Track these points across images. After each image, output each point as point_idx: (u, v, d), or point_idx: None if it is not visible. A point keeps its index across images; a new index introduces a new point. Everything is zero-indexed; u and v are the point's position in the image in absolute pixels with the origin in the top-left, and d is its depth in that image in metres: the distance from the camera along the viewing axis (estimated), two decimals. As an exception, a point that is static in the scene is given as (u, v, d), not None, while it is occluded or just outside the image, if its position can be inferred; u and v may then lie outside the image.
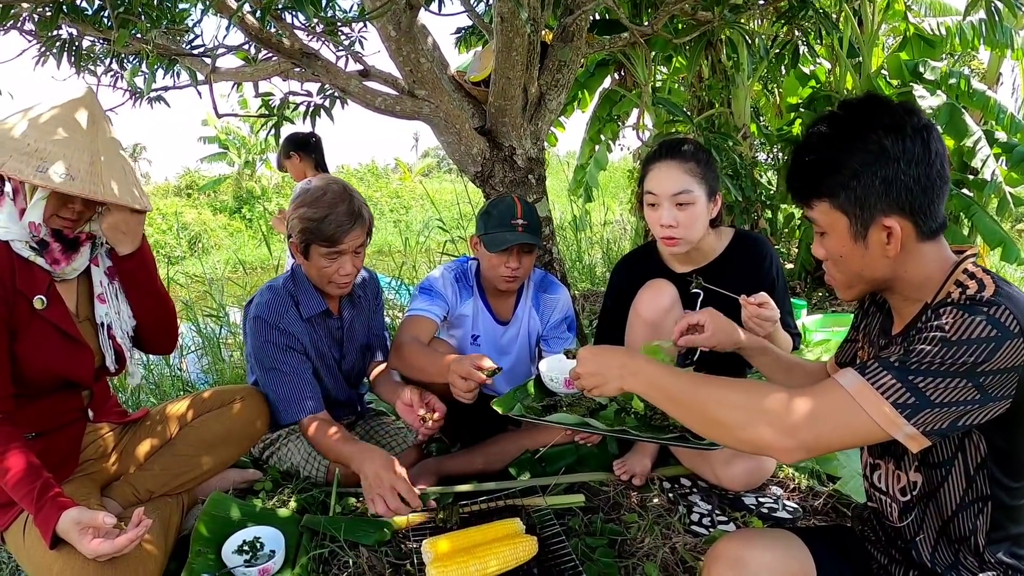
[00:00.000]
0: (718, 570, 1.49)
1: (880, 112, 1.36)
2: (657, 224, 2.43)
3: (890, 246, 1.36)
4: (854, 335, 1.77)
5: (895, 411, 1.23)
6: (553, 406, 2.11)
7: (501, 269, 2.66)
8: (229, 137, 21.26)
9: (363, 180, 24.68)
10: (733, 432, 1.36)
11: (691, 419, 1.45)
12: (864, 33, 6.26)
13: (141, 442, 2.32)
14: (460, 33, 5.61)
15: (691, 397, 1.43)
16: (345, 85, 3.47)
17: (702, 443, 1.77)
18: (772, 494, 2.54)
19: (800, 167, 1.44)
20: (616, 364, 1.60)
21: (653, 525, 2.29)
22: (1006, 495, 1.37)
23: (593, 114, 7.44)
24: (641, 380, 1.54)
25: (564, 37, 3.48)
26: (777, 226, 7.05)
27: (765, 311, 2.12)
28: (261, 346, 2.52)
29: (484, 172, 3.53)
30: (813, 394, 1.32)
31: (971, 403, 1.23)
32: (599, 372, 1.63)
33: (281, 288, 2.58)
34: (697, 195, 2.38)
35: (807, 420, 1.29)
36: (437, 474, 2.62)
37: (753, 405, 1.34)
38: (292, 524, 2.24)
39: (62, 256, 2.02)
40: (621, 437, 2.06)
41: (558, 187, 10.34)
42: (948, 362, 1.22)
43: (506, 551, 1.98)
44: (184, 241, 17.93)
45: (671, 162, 2.40)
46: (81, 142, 1.90)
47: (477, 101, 3.60)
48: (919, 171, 1.32)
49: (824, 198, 1.39)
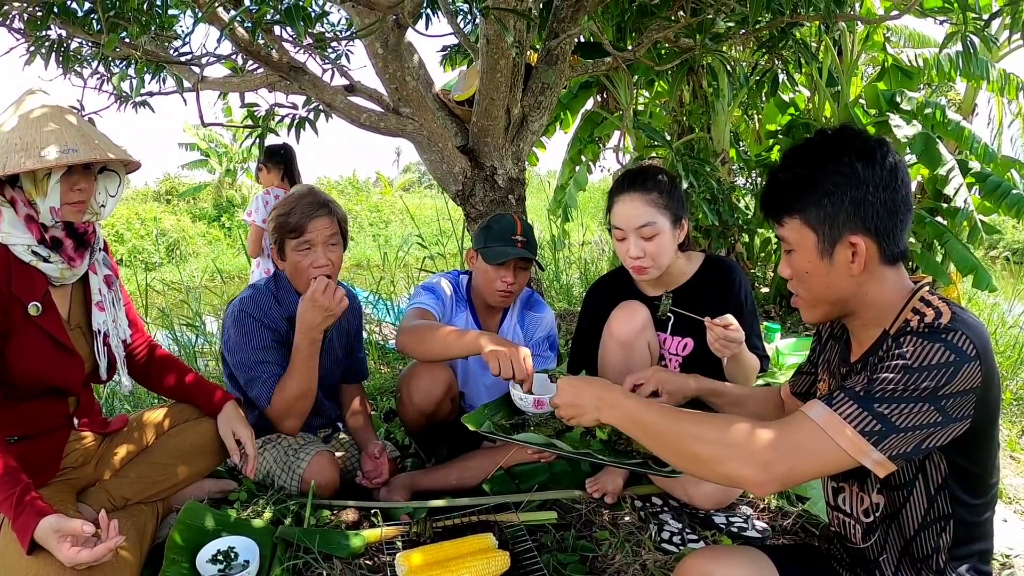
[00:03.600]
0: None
1: (854, 140, 1.43)
2: (626, 256, 2.47)
3: (854, 264, 1.41)
4: (810, 368, 1.83)
5: (862, 439, 1.27)
6: (522, 425, 2.14)
7: (497, 283, 2.69)
8: (211, 145, 21.15)
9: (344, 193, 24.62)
10: (709, 467, 1.39)
11: (667, 453, 1.48)
12: (843, 63, 6.36)
13: (118, 449, 2.32)
14: (446, 52, 5.66)
15: (667, 432, 1.46)
16: (331, 100, 3.50)
17: (664, 470, 1.80)
18: (742, 513, 2.58)
19: (775, 185, 1.51)
20: (594, 396, 1.64)
21: (624, 542, 2.32)
22: (967, 512, 1.41)
23: (574, 135, 7.49)
24: (618, 413, 1.58)
25: (548, 60, 3.53)
26: (754, 250, 7.12)
27: (730, 333, 2.16)
28: (241, 336, 2.58)
29: (465, 191, 3.57)
30: (784, 428, 1.35)
31: (934, 425, 1.28)
32: (577, 403, 1.67)
33: (264, 287, 2.67)
34: (661, 226, 2.42)
35: (780, 454, 1.32)
36: (411, 489, 2.63)
37: (728, 440, 1.36)
38: (266, 535, 2.25)
39: (76, 254, 2.05)
40: (585, 460, 2.09)
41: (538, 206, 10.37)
42: (911, 388, 1.27)
43: (479, 565, 2.00)
44: (162, 248, 17.79)
45: (633, 195, 2.43)
46: (65, 123, 1.97)
47: (460, 120, 3.64)
48: (886, 195, 1.39)
49: (795, 214, 1.45)
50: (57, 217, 1.98)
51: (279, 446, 2.64)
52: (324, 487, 2.51)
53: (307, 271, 2.51)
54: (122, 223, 17.32)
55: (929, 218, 5.72)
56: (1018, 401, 4.39)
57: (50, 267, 2.01)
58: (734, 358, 2.29)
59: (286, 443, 2.65)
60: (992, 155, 6.12)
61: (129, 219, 17.70)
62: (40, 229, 1.98)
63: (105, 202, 2.12)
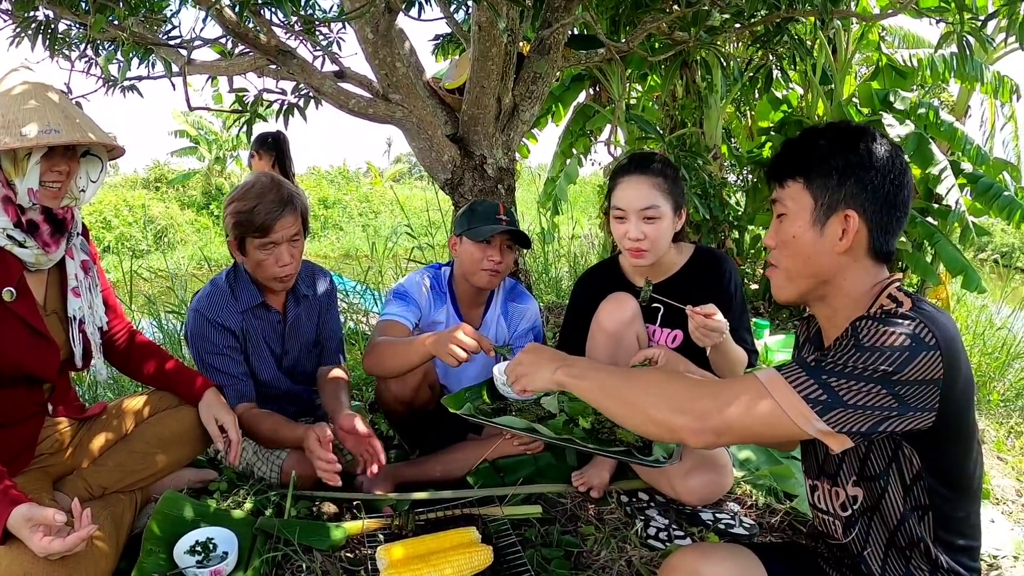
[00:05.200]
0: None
1: (875, 134, 1.45)
2: (624, 237, 2.45)
3: (842, 241, 1.42)
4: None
5: (806, 405, 1.28)
6: (503, 410, 2.10)
7: (484, 262, 2.64)
8: (200, 132, 21.03)
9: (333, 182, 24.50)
10: (647, 413, 1.40)
11: (609, 404, 1.48)
12: (837, 61, 6.36)
13: (96, 437, 2.27)
14: (438, 40, 5.62)
15: (612, 384, 1.48)
16: (320, 85, 3.46)
17: (647, 459, 1.77)
18: (729, 510, 2.56)
19: (789, 148, 1.51)
20: (550, 358, 1.65)
21: (610, 538, 2.30)
22: (947, 505, 1.40)
23: (566, 128, 7.47)
24: (570, 372, 1.57)
25: (541, 49, 3.49)
26: (744, 246, 7.12)
27: (711, 322, 2.14)
28: (197, 339, 2.57)
29: (454, 180, 3.53)
30: (726, 383, 1.39)
31: (889, 409, 1.27)
32: (532, 364, 1.66)
33: (223, 282, 2.63)
34: (664, 210, 2.41)
35: (718, 405, 1.33)
36: (394, 481, 2.59)
37: (667, 391, 1.40)
38: (246, 526, 2.21)
39: (52, 240, 2.01)
40: (567, 446, 2.06)
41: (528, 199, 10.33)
42: (860, 367, 1.28)
43: (461, 560, 1.97)
44: (150, 235, 17.69)
45: (639, 177, 2.43)
46: (47, 101, 1.93)
47: (450, 108, 3.61)
48: (890, 189, 1.41)
49: (800, 178, 1.46)
50: (35, 199, 1.94)
51: None
52: (305, 477, 2.47)
53: (271, 268, 2.50)
54: (110, 210, 17.23)
55: (920, 218, 5.72)
56: (1005, 402, 4.39)
57: (25, 252, 1.97)
58: (718, 349, 2.26)
59: None
60: (984, 157, 6.14)
61: (117, 206, 17.61)
62: (17, 211, 1.93)
63: (85, 187, 2.08)
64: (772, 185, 1.54)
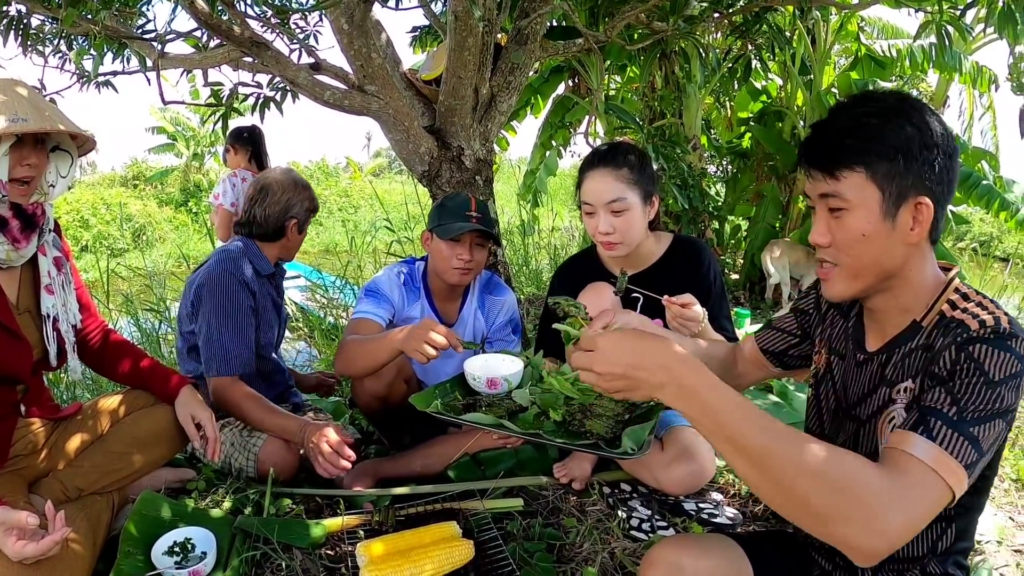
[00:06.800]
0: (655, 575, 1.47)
1: (920, 103, 1.30)
2: (595, 232, 2.44)
3: (914, 231, 1.27)
4: (795, 330, 1.72)
5: (964, 472, 1.11)
6: (473, 405, 2.08)
7: (453, 260, 2.61)
8: (178, 128, 20.83)
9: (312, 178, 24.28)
10: (817, 521, 1.07)
11: (756, 477, 1.11)
12: (816, 52, 6.38)
13: (72, 438, 2.23)
14: (416, 32, 5.58)
15: (761, 450, 1.09)
16: (294, 77, 3.42)
17: (615, 451, 1.74)
18: (712, 500, 2.55)
19: (834, 133, 1.30)
20: (657, 363, 1.17)
21: (592, 530, 2.28)
22: (966, 515, 1.37)
23: (546, 120, 7.46)
24: (689, 398, 1.14)
25: (518, 40, 3.46)
26: (724, 237, 7.14)
27: (687, 311, 2.11)
28: (221, 296, 2.60)
29: (431, 171, 3.50)
30: (896, 477, 1.09)
31: (997, 441, 1.19)
32: (633, 369, 1.18)
33: (236, 251, 2.72)
34: (632, 202, 2.39)
35: (901, 514, 1.05)
36: (374, 476, 2.57)
37: (844, 490, 1.05)
38: (225, 525, 2.18)
39: (22, 236, 1.98)
40: (535, 441, 2.03)
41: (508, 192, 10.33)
42: (994, 403, 1.16)
43: (441, 555, 1.95)
44: (128, 233, 17.50)
45: (604, 170, 2.40)
46: (15, 94, 1.90)
47: (428, 100, 3.57)
48: (949, 165, 1.28)
49: (859, 167, 1.26)
50: (3, 191, 1.90)
51: (236, 427, 2.61)
52: (281, 468, 2.46)
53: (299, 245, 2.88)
54: (87, 208, 17.03)
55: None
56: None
57: (6, 240, 1.93)
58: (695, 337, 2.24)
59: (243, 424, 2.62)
60: (963, 146, 6.17)
61: (95, 204, 17.40)
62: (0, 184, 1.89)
63: (55, 182, 2.05)
64: (814, 175, 1.32)
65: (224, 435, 2.59)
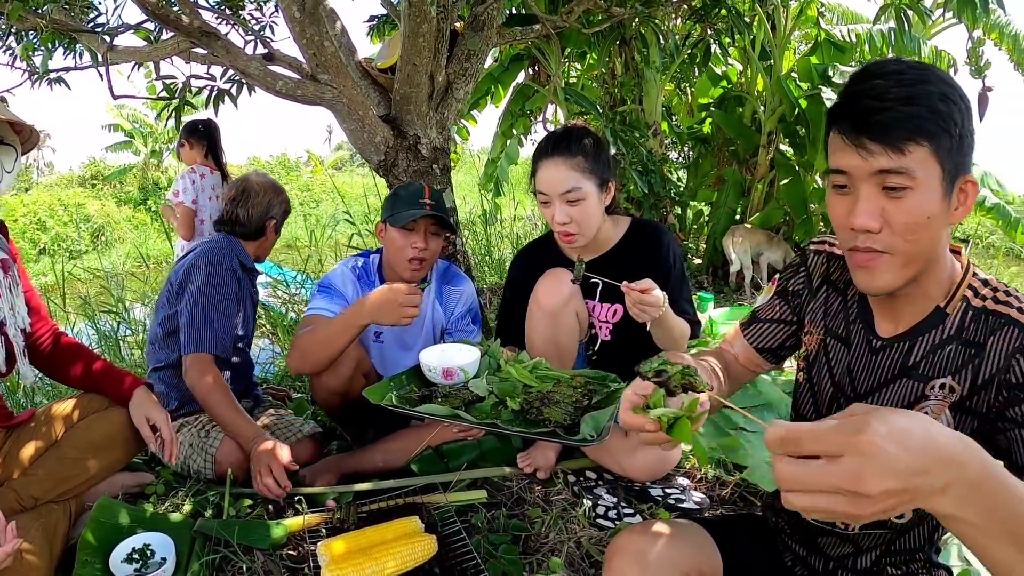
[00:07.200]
0: (620, 564, 1.42)
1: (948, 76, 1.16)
2: (551, 221, 2.40)
3: (958, 211, 1.16)
4: (789, 316, 1.57)
5: None
6: (430, 396, 2.04)
7: (407, 250, 2.56)
8: (135, 125, 20.49)
9: (273, 172, 24.05)
10: None
11: None
12: (776, 37, 6.41)
13: (25, 445, 2.16)
14: (374, 22, 5.51)
15: None
16: (245, 67, 3.34)
17: (574, 438, 1.71)
18: (678, 485, 2.54)
19: (894, 99, 1.11)
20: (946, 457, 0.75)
21: (557, 519, 2.26)
22: None
23: (506, 108, 7.42)
24: (976, 500, 0.77)
25: (475, 26, 3.42)
26: (686, 222, 7.16)
27: (647, 297, 2.08)
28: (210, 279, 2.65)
29: (387, 161, 3.43)
30: None
31: None
32: (914, 476, 0.73)
33: (224, 241, 2.81)
34: (588, 190, 2.34)
35: None
36: (336, 473, 2.53)
37: None
38: (185, 529, 2.14)
39: None
40: (492, 431, 2.00)
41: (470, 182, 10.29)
42: None
43: (404, 551, 1.91)
44: (87, 234, 17.18)
45: (558, 159, 2.35)
46: None
47: (384, 89, 3.51)
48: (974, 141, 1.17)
49: (924, 141, 1.10)
50: None
51: (194, 427, 2.58)
52: (239, 468, 2.42)
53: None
54: (44, 210, 16.69)
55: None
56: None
57: None
58: (659, 323, 2.21)
59: (201, 421, 2.60)
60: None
61: (52, 206, 17.05)
62: None
63: (0, 177, 1.96)
64: (871, 148, 1.12)
65: (182, 436, 2.55)
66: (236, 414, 2.46)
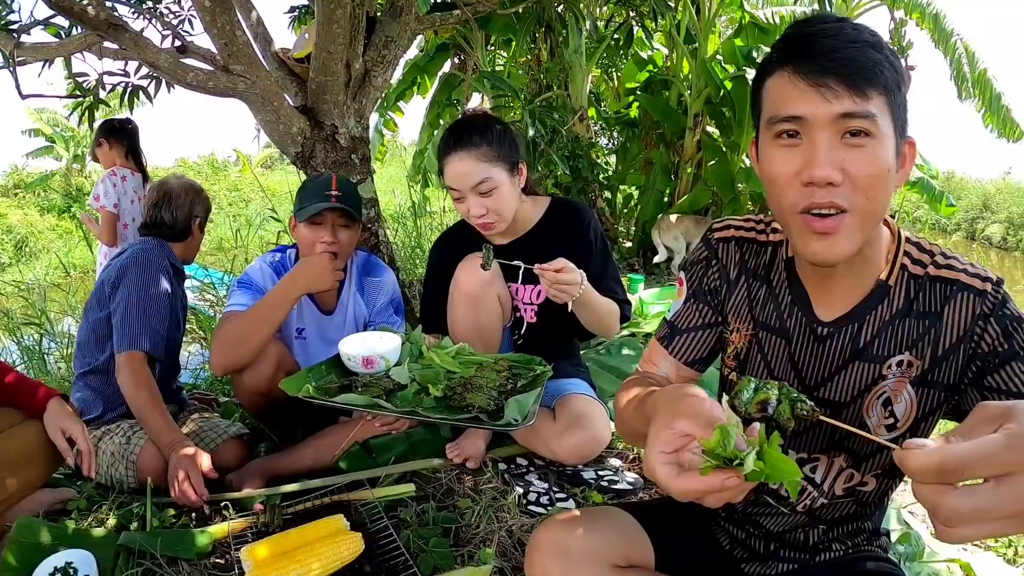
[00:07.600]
0: (541, 559, 1.35)
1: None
2: (467, 216, 2.37)
3: (899, 172, 1.09)
4: (713, 318, 1.43)
5: None
6: (350, 386, 1.98)
7: (317, 246, 2.49)
8: (56, 129, 19.83)
9: (200, 173, 23.44)
10: None
11: None
12: (701, 20, 6.48)
13: (-64, 467, 2.05)
14: (295, 12, 5.39)
15: None
16: (155, 60, 3.21)
17: (497, 423, 1.67)
18: (611, 466, 2.52)
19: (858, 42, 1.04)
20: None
21: (488, 509, 2.21)
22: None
23: (432, 98, 7.39)
24: None
25: (393, 12, 3.35)
26: (616, 206, 7.19)
27: (563, 276, 2.06)
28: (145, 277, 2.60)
29: (305, 152, 3.35)
30: None
31: None
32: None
33: (156, 243, 2.78)
34: (499, 178, 2.31)
35: None
36: (265, 475, 2.44)
37: None
38: (109, 543, 2.04)
39: None
40: (413, 419, 1.95)
41: (399, 175, 10.19)
42: None
43: (328, 551, 1.85)
44: (9, 246, 16.58)
45: (463, 152, 2.30)
46: None
47: (301, 79, 3.43)
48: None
49: (881, 91, 1.03)
50: None
51: (116, 435, 2.47)
52: (160, 476, 2.32)
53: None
54: (-37, 223, 16.07)
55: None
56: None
57: None
58: (581, 302, 2.19)
59: (123, 428, 2.50)
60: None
61: (-31, 218, 16.44)
62: None
63: None
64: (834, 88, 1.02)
65: (104, 444, 2.45)
66: (160, 417, 2.38)
